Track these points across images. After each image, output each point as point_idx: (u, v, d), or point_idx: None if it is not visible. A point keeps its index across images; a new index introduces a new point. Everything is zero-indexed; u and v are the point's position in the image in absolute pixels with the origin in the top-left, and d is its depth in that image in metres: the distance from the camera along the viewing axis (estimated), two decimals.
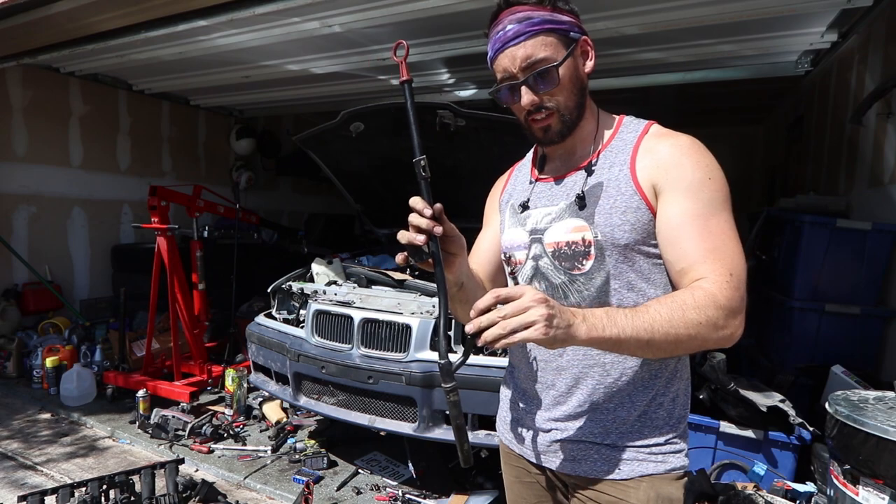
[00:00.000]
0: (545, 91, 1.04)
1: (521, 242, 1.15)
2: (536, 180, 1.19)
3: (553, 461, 1.11)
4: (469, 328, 0.83)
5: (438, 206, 0.93)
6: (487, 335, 0.81)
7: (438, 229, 0.92)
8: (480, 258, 1.29)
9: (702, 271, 0.94)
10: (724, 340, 0.93)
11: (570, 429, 1.09)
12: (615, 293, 1.03)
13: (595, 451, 1.06)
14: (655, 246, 1.02)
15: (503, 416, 1.26)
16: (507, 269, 1.23)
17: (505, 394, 1.27)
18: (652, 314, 0.89)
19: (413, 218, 0.92)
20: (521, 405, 1.19)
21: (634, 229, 1.01)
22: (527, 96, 1.04)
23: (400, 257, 0.97)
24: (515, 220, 1.18)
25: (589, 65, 1.10)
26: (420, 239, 0.92)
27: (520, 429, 1.19)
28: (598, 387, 1.06)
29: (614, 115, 1.16)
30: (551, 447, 1.11)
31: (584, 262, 1.05)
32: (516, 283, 1.18)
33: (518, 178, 1.27)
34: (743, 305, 0.93)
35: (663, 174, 1.00)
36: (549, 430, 1.12)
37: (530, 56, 1.01)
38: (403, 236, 0.94)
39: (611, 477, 1.05)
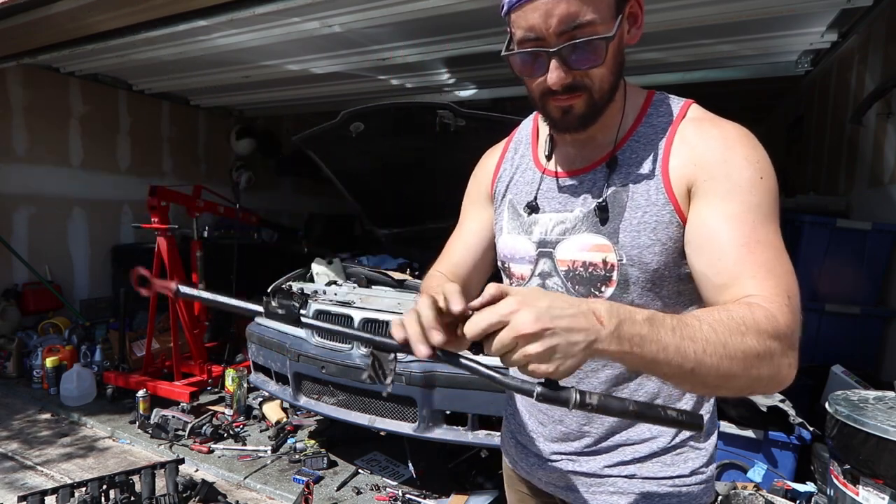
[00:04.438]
0: (583, 69, 0.78)
1: (526, 255, 0.94)
2: (544, 172, 0.95)
3: (562, 492, 1.00)
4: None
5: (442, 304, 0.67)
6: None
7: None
8: (456, 260, 1.07)
9: (751, 288, 0.71)
10: (776, 382, 0.68)
11: (581, 461, 0.96)
12: None
13: (610, 483, 0.94)
14: (686, 265, 0.82)
15: (507, 434, 1.13)
16: (506, 282, 1.01)
17: (509, 410, 1.12)
18: (705, 333, 0.64)
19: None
20: (526, 430, 1.05)
21: (666, 250, 0.82)
22: (556, 73, 0.77)
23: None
24: (518, 225, 0.96)
25: (634, 33, 0.83)
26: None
27: (526, 452, 1.05)
28: (614, 424, 0.93)
29: (643, 89, 0.92)
30: (561, 477, 0.99)
31: (604, 288, 0.86)
32: None
33: (517, 161, 1.02)
34: (799, 338, 0.70)
35: (702, 172, 0.79)
36: (558, 461, 0.99)
37: (574, 16, 0.73)
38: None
39: None
